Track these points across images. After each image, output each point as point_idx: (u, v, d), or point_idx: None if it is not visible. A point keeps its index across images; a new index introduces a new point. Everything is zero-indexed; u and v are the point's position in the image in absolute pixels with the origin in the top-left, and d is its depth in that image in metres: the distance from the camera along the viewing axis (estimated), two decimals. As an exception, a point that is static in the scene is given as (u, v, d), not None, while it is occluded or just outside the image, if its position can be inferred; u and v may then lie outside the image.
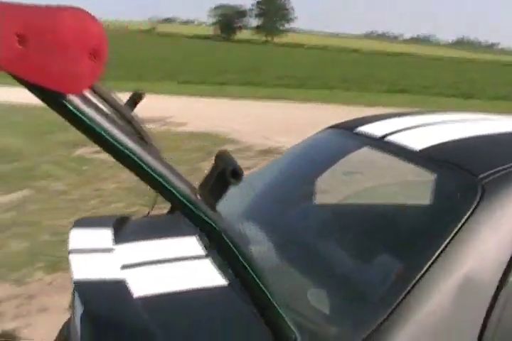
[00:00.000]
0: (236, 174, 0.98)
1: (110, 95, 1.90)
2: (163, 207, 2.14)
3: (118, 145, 0.92)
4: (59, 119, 0.90)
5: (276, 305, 1.13)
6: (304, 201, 2.36)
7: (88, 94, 0.91)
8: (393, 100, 15.09)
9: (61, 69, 0.78)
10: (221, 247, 1.04)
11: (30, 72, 0.77)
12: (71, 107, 0.85)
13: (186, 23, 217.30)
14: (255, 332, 1.22)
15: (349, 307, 1.54)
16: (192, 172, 5.85)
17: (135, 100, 2.12)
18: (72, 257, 1.68)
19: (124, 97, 1.97)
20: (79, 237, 1.84)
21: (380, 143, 1.91)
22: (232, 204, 2.19)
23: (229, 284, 1.62)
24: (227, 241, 1.03)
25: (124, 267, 1.67)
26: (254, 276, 1.08)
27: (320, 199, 2.42)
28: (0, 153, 7.12)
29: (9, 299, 3.47)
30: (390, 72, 26.70)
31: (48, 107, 0.85)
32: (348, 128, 2.18)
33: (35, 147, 7.40)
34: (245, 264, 1.06)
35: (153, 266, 1.13)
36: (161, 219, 2.34)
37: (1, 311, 3.34)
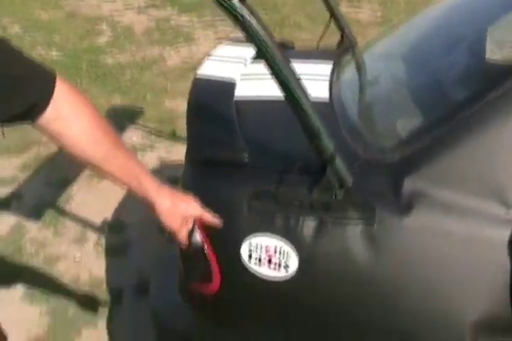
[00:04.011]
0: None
1: None
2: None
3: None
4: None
5: (303, 99, 1.26)
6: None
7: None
8: None
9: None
10: (245, 33, 1.20)
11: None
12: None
13: None
14: None
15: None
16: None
17: None
18: (207, 61, 2.01)
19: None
20: (225, 50, 2.14)
21: None
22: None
23: (327, 102, 1.78)
24: (249, 29, 1.18)
25: (244, 76, 1.94)
26: (276, 64, 1.22)
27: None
28: (262, 5, 7.60)
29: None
30: None
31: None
32: None
33: (291, 1, 7.70)
34: (266, 51, 1.20)
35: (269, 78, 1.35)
36: (319, 52, 2.50)
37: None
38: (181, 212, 1.30)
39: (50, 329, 2.51)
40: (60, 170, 3.59)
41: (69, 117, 1.12)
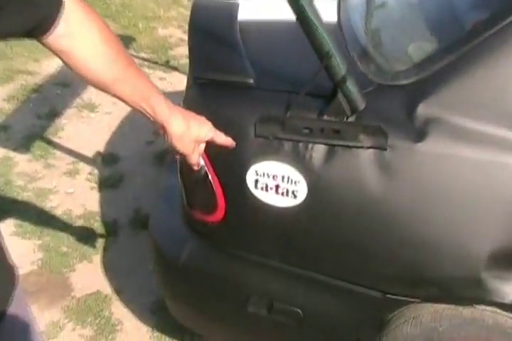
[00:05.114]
0: None
1: None
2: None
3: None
4: None
5: (315, 19, 1.18)
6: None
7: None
8: None
9: None
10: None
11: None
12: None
13: None
14: None
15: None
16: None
17: None
18: None
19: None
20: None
21: None
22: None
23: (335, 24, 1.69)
24: None
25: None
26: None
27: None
28: None
29: None
30: None
31: None
32: None
33: None
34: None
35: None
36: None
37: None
38: (194, 134, 1.22)
39: (44, 264, 2.45)
40: (49, 101, 3.47)
41: (80, 34, 1.02)
